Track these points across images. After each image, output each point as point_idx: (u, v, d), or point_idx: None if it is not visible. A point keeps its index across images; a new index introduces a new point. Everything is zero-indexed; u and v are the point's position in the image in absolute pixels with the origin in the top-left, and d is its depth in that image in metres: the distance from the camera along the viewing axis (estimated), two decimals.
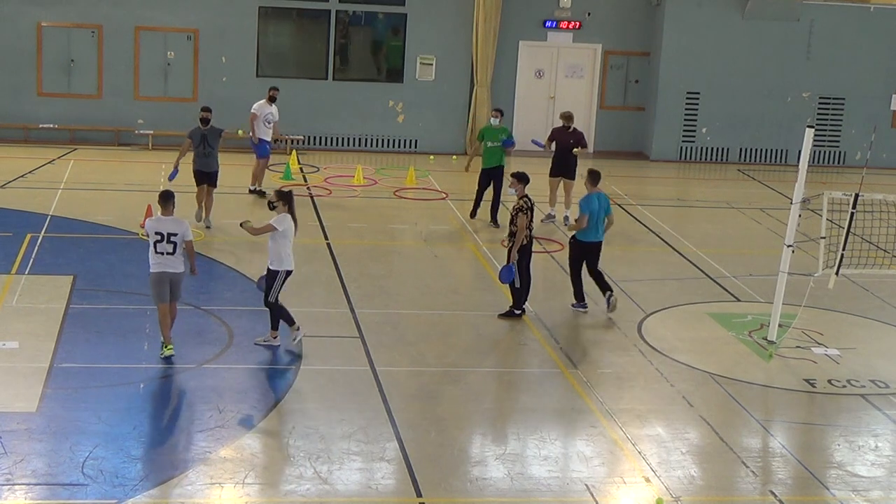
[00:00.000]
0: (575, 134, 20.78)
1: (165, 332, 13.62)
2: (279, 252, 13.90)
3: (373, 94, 27.54)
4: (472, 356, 14.58)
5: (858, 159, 28.48)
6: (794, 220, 14.89)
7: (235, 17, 26.73)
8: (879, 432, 12.87)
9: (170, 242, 13.41)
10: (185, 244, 13.49)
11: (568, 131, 20.79)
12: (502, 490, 11.06)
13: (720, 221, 22.60)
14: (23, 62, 26.24)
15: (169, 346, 13.63)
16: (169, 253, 13.42)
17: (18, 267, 16.79)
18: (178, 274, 13.55)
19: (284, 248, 13.91)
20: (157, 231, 13.44)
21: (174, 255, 13.44)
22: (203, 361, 13.64)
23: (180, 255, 13.50)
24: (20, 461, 10.92)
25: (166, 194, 13.69)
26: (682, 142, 28.39)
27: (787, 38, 28.01)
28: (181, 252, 13.49)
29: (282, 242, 13.88)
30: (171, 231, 13.41)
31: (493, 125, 20.86)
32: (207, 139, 19.23)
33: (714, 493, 11.34)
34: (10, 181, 22.20)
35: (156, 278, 13.46)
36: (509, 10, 27.45)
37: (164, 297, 13.50)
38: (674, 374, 14.12)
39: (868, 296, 17.74)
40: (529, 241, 15.68)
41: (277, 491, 10.75)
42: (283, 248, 13.90)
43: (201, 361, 13.63)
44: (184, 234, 13.46)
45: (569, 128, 20.76)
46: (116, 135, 26.51)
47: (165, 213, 13.56)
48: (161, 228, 13.44)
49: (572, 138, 20.72)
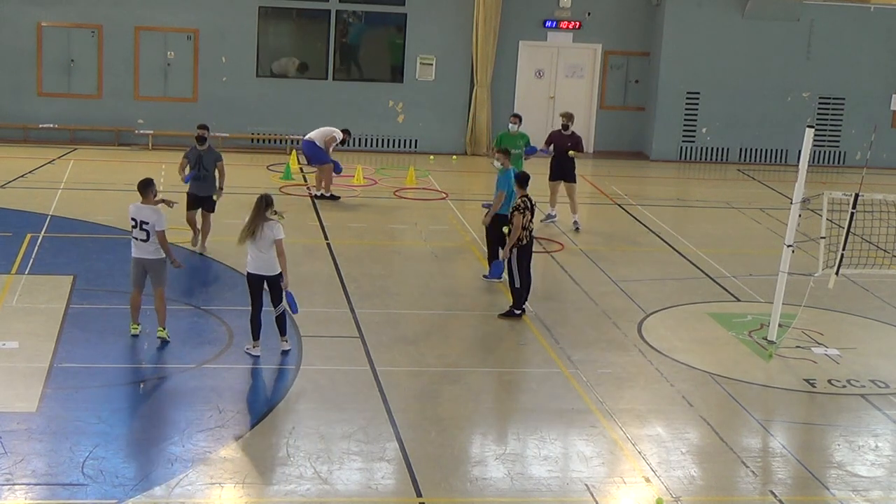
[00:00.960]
0: (572, 137, 20.71)
1: (134, 314, 14.26)
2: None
3: (373, 94, 27.55)
4: (472, 356, 14.59)
5: (858, 159, 28.49)
6: (794, 220, 14.89)
7: (235, 17, 26.74)
8: (879, 432, 12.87)
9: (142, 230, 13.83)
10: (156, 234, 13.79)
11: (565, 134, 20.70)
12: (502, 490, 11.06)
13: (720, 221, 22.60)
14: (23, 62, 26.26)
15: (135, 325, 14.25)
16: (142, 240, 13.86)
17: (18, 267, 16.79)
18: (152, 261, 13.94)
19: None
20: (132, 217, 13.95)
21: (147, 242, 13.84)
22: (203, 361, 13.64)
23: (153, 243, 13.83)
24: (20, 461, 10.92)
25: (146, 182, 14.12)
26: (682, 142, 28.40)
27: (787, 37, 28.02)
28: (154, 240, 13.83)
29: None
30: (144, 219, 13.82)
31: (511, 131, 20.40)
32: (203, 161, 17.86)
33: (714, 493, 11.34)
34: (10, 181, 22.21)
35: (132, 263, 14.07)
36: (509, 10, 27.45)
37: (138, 282, 14.13)
38: (674, 374, 14.12)
39: (868, 296, 17.74)
40: (530, 242, 15.68)
41: (277, 491, 10.75)
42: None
43: (201, 361, 13.63)
44: (155, 224, 13.79)
45: (567, 129, 20.69)
46: (116, 135, 26.52)
47: (145, 200, 13.97)
48: (136, 215, 13.91)
49: (570, 141, 20.63)
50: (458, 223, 20.99)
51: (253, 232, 13.53)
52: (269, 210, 13.64)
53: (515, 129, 20.43)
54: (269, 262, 13.68)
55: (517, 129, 20.43)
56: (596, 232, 21.24)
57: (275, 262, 13.67)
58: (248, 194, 21.87)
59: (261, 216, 13.59)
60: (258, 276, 13.74)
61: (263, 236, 13.54)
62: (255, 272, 13.73)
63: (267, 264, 13.68)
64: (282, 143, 26.93)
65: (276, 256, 13.64)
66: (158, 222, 13.78)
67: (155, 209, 13.92)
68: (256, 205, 13.67)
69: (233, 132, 26.72)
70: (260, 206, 13.64)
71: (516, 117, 20.74)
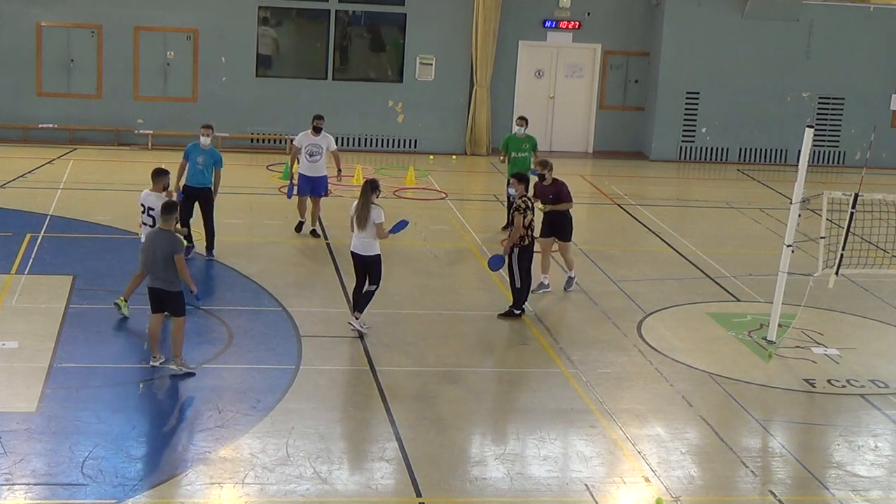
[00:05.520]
0: (553, 187, 16.90)
1: (127, 293, 14.81)
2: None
3: (373, 94, 27.55)
4: (472, 356, 14.59)
5: (858, 159, 28.49)
6: (793, 219, 14.89)
7: (235, 17, 26.74)
8: (879, 432, 12.87)
9: (149, 216, 14.52)
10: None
11: (545, 185, 16.97)
12: (502, 490, 11.06)
13: (720, 221, 22.61)
14: (23, 62, 26.25)
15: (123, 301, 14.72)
16: (150, 225, 14.39)
17: (18, 267, 16.79)
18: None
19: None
20: (141, 202, 14.76)
21: (153, 227, 14.08)
22: (203, 361, 13.63)
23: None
24: (20, 461, 10.92)
25: (158, 171, 14.85)
26: (681, 142, 28.40)
27: (787, 37, 28.02)
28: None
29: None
30: (151, 206, 14.49)
31: (518, 134, 19.66)
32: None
33: (714, 493, 11.34)
34: (10, 181, 22.21)
35: (141, 247, 14.11)
36: (509, 10, 27.45)
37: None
38: (673, 374, 14.12)
39: (868, 296, 17.74)
40: (530, 242, 15.68)
41: (277, 491, 10.75)
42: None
43: (201, 361, 13.61)
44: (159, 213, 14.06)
45: (544, 179, 16.94)
46: (116, 135, 26.52)
47: (155, 188, 14.68)
48: (144, 201, 14.73)
49: (550, 193, 16.92)
50: (458, 223, 20.99)
51: (365, 218, 14.39)
52: (374, 194, 14.47)
53: (522, 131, 19.65)
54: (368, 244, 14.58)
55: (524, 132, 19.66)
56: (596, 232, 21.25)
57: (372, 244, 14.55)
58: (247, 194, 21.96)
59: (368, 201, 14.42)
60: (358, 256, 14.71)
61: (368, 220, 14.41)
62: (355, 251, 14.71)
63: (365, 245, 14.59)
64: (281, 143, 26.93)
65: (375, 238, 14.50)
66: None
67: (161, 197, 14.44)
68: (363, 190, 14.50)
69: (233, 132, 26.72)
70: (366, 191, 14.46)
71: (523, 119, 19.92)
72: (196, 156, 17.38)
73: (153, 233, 13.36)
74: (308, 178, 18.93)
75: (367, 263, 14.67)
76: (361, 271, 14.78)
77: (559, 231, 16.92)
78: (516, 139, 19.73)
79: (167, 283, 13.03)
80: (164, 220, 13.18)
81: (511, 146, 19.67)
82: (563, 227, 16.91)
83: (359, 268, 14.79)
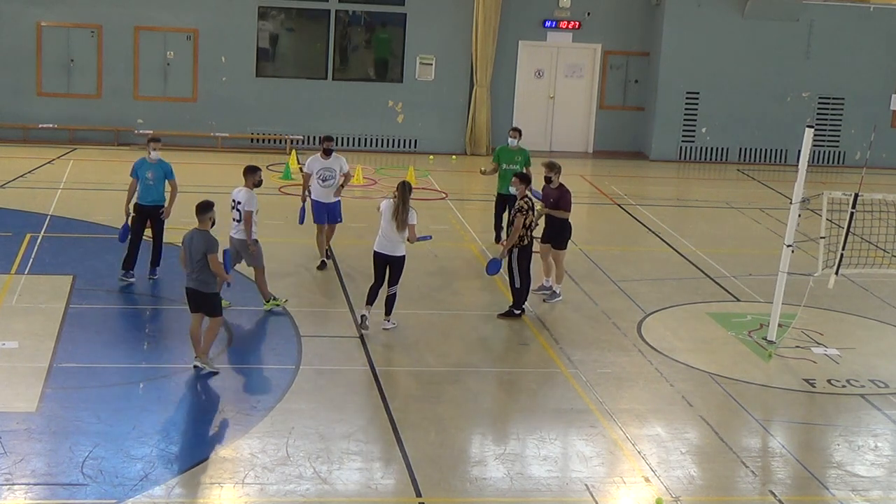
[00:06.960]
0: (558, 191, 16.59)
1: (263, 294, 15.62)
2: None
3: (372, 94, 27.55)
4: (472, 356, 14.58)
5: (858, 159, 28.49)
6: (793, 219, 14.89)
7: (235, 16, 26.74)
8: (879, 432, 12.87)
9: (236, 210, 15.15)
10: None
11: (550, 188, 16.62)
12: (502, 490, 11.06)
13: (720, 221, 22.61)
14: (23, 62, 26.26)
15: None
16: (236, 220, 15.16)
17: (18, 267, 16.79)
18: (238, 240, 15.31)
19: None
20: (232, 198, 15.31)
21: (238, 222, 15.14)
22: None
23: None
24: (20, 461, 10.92)
25: (249, 168, 15.41)
26: (681, 142, 28.40)
27: (787, 37, 28.02)
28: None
29: None
30: (239, 200, 15.12)
31: (510, 146, 18.98)
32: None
33: (714, 493, 11.34)
34: (10, 181, 22.21)
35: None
36: (509, 9, 27.46)
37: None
38: (673, 374, 14.12)
39: (868, 296, 17.74)
40: (530, 243, 15.68)
41: (277, 491, 10.75)
42: None
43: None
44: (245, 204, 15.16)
45: (550, 182, 16.58)
46: (116, 135, 26.52)
47: (246, 185, 15.23)
48: (235, 197, 15.29)
49: (552, 197, 16.57)
50: (458, 223, 20.98)
51: (405, 220, 14.58)
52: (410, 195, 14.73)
53: (515, 143, 19.01)
54: (396, 244, 14.76)
55: (517, 144, 19.03)
56: (596, 232, 21.25)
57: (399, 245, 14.73)
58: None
59: (408, 202, 14.63)
60: (383, 256, 14.80)
61: (406, 221, 14.62)
62: (381, 251, 14.81)
63: (393, 245, 14.76)
64: (281, 143, 26.93)
65: (404, 239, 14.70)
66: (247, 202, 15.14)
67: (250, 193, 15.08)
68: (401, 192, 14.64)
69: (232, 132, 26.73)
70: (404, 193, 14.64)
71: (516, 131, 19.27)
72: (145, 171, 16.15)
73: (190, 232, 13.21)
74: (323, 204, 17.49)
75: (392, 263, 14.79)
76: (383, 271, 14.88)
77: (553, 237, 16.59)
78: (508, 151, 19.03)
79: (201, 283, 13.05)
80: (200, 221, 13.15)
81: (502, 157, 19.05)
82: (556, 234, 16.58)
83: (381, 267, 14.88)
